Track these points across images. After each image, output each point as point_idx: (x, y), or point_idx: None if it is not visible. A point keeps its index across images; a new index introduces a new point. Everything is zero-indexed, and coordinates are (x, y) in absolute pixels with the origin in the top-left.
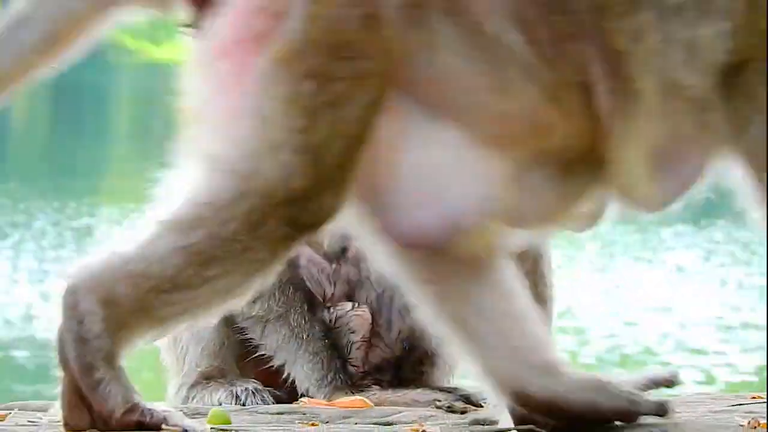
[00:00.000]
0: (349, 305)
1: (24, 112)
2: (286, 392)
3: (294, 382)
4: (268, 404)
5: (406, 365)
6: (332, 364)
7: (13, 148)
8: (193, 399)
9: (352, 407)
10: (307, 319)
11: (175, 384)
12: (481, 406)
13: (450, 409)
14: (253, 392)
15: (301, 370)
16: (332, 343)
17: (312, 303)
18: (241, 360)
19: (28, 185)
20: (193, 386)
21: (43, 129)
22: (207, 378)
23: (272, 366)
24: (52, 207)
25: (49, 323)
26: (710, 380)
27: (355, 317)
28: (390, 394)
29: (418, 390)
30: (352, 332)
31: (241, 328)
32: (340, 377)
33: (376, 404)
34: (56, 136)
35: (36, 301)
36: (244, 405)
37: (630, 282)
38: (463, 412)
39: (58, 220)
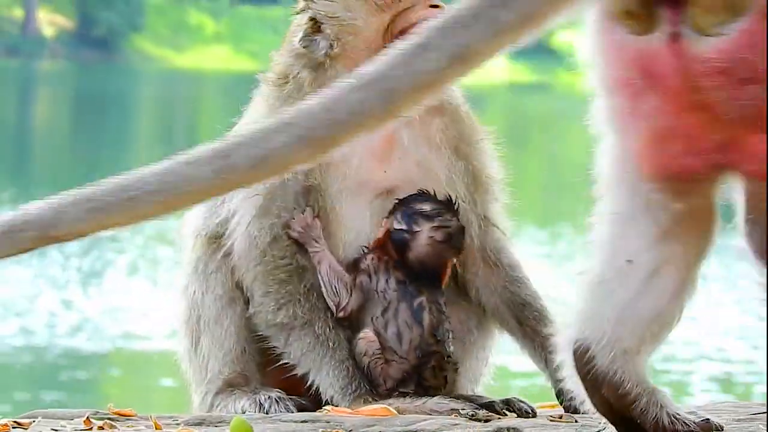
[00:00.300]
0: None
1: (46, 119)
2: (309, 400)
3: (318, 390)
4: (292, 413)
5: (427, 372)
6: (357, 372)
7: (34, 155)
8: (217, 407)
9: (375, 415)
10: (332, 326)
11: (200, 392)
12: (505, 414)
13: (473, 417)
14: (276, 400)
15: (327, 378)
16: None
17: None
18: (263, 367)
19: (49, 193)
20: (217, 394)
21: (65, 136)
22: (231, 385)
23: (296, 374)
24: None
25: (71, 331)
26: (728, 388)
27: (360, 341)
28: (412, 403)
29: (441, 398)
30: (364, 355)
31: (264, 336)
32: (364, 386)
33: (400, 412)
34: (78, 144)
35: (58, 310)
36: (267, 413)
37: None
38: (486, 420)
39: None
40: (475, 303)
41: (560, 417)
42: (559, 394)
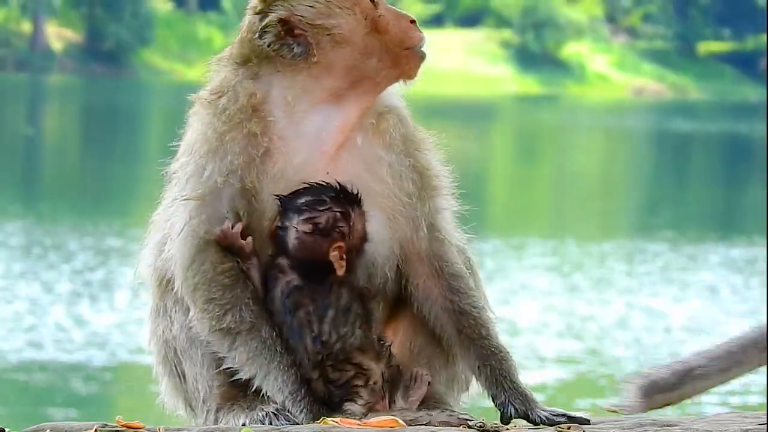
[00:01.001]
0: None
1: (55, 132)
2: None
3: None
4: (294, 423)
5: (330, 373)
6: (304, 377)
7: (44, 168)
8: (220, 422)
9: (384, 427)
10: (276, 331)
11: (201, 415)
12: (510, 419)
13: (482, 428)
14: (274, 414)
15: (274, 383)
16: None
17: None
18: None
19: (59, 206)
20: (219, 410)
21: (75, 150)
22: (228, 398)
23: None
24: (83, 229)
25: (80, 345)
26: (728, 399)
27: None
28: (421, 415)
29: (448, 411)
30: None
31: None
32: (311, 393)
33: (409, 424)
34: (87, 157)
35: (67, 324)
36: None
37: (663, 302)
38: (495, 431)
39: (89, 241)
40: (417, 313)
41: (568, 428)
42: (494, 399)
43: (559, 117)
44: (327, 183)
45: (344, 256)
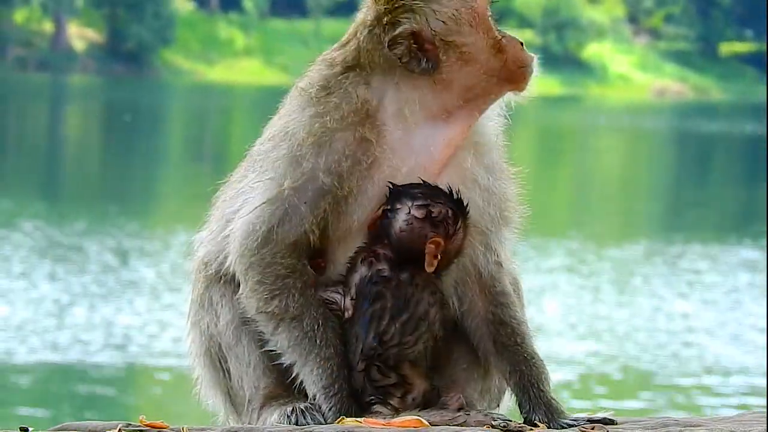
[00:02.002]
0: None
1: (76, 132)
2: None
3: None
4: (320, 422)
5: (373, 373)
6: (342, 374)
7: (65, 169)
8: (259, 420)
9: (408, 427)
10: (322, 324)
11: (243, 413)
12: (537, 425)
13: (506, 429)
14: (303, 411)
15: (310, 375)
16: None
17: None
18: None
19: (79, 206)
20: (261, 408)
21: (96, 150)
22: (272, 397)
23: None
24: (103, 229)
25: (103, 345)
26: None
27: None
28: (444, 415)
29: (484, 412)
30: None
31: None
32: (346, 388)
33: (432, 424)
34: (108, 157)
35: (90, 324)
36: (296, 424)
37: (685, 304)
38: (519, 431)
39: (110, 242)
40: (459, 325)
41: (592, 428)
42: (520, 406)
43: (580, 118)
44: (441, 185)
45: (438, 255)
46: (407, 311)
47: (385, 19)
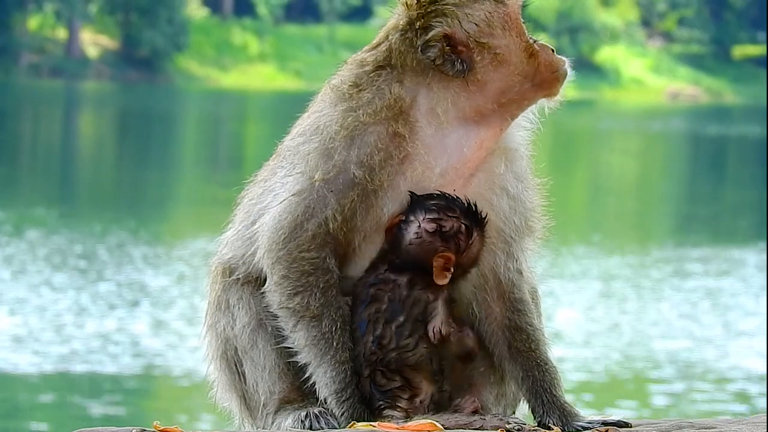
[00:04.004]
0: None
1: (91, 138)
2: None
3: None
4: (334, 427)
5: (378, 378)
6: (354, 379)
7: (79, 174)
8: (273, 425)
9: (422, 430)
10: (340, 326)
11: (257, 417)
12: (551, 428)
13: (520, 431)
14: (317, 416)
15: (323, 377)
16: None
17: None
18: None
19: (94, 212)
20: (276, 413)
21: (110, 155)
22: (287, 402)
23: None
24: (118, 235)
25: (116, 351)
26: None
27: None
28: (458, 417)
29: (500, 416)
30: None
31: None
32: (358, 394)
33: (446, 427)
34: (123, 163)
35: (104, 329)
36: (311, 428)
37: (700, 307)
38: None
39: (125, 247)
40: (476, 330)
41: (606, 431)
42: (534, 412)
43: (594, 121)
44: (460, 197)
45: (450, 269)
46: (402, 314)
47: (418, 23)
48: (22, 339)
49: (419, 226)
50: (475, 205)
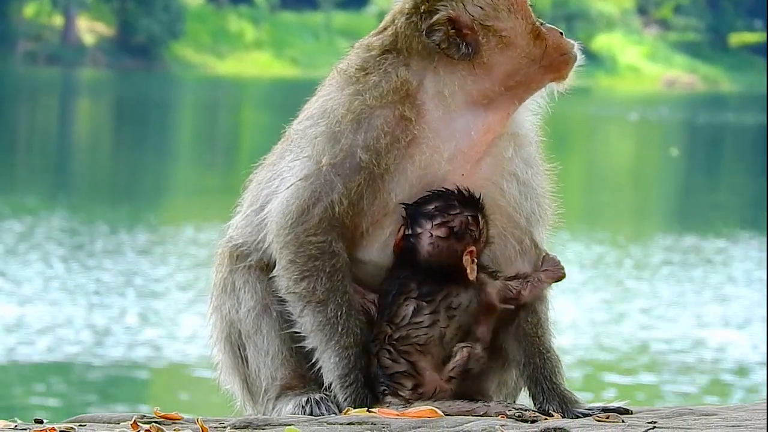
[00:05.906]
0: None
1: (87, 126)
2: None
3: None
4: (334, 413)
5: (383, 358)
6: (359, 363)
7: (76, 163)
8: (274, 411)
9: (422, 417)
10: (346, 311)
11: (258, 401)
12: (551, 415)
13: (520, 419)
14: (318, 402)
15: (328, 362)
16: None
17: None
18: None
19: (90, 200)
20: (277, 398)
21: (106, 143)
22: (288, 388)
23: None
24: (114, 223)
25: (118, 337)
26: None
27: None
28: (458, 404)
29: (504, 402)
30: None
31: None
32: (362, 379)
33: (446, 414)
34: (119, 151)
35: (104, 316)
36: (311, 414)
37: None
38: (533, 421)
39: (121, 236)
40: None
41: (607, 417)
42: (534, 398)
43: (590, 109)
44: (449, 189)
45: (476, 260)
46: (430, 296)
47: (423, 7)
48: (20, 327)
49: (431, 235)
50: (467, 190)
